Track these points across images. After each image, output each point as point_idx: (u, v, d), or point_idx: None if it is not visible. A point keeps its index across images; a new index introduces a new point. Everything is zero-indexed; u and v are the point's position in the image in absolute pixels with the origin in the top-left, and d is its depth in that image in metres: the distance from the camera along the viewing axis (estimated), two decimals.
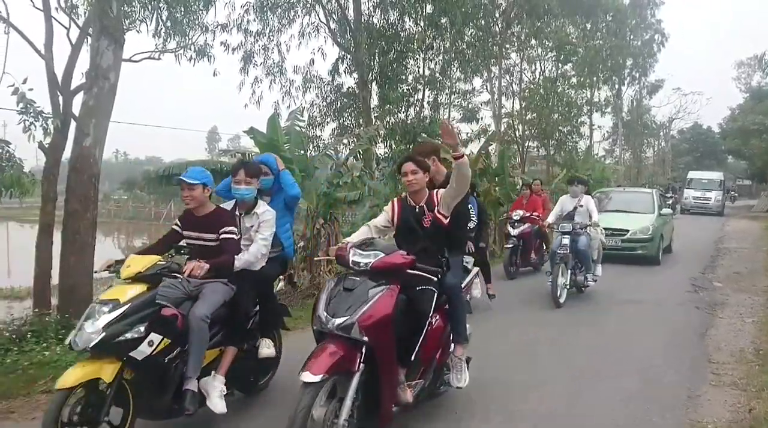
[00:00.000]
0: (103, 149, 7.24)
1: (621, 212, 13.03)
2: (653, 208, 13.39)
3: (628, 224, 12.35)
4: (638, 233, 12.26)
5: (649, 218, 12.75)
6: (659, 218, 13.01)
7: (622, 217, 12.67)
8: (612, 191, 16.13)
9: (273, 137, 8.91)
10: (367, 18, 15.97)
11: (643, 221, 12.57)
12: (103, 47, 6.92)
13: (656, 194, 14.35)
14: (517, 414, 4.40)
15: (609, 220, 11.54)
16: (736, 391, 4.91)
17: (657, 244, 12.43)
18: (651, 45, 35.86)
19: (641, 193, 15.28)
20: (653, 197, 13.95)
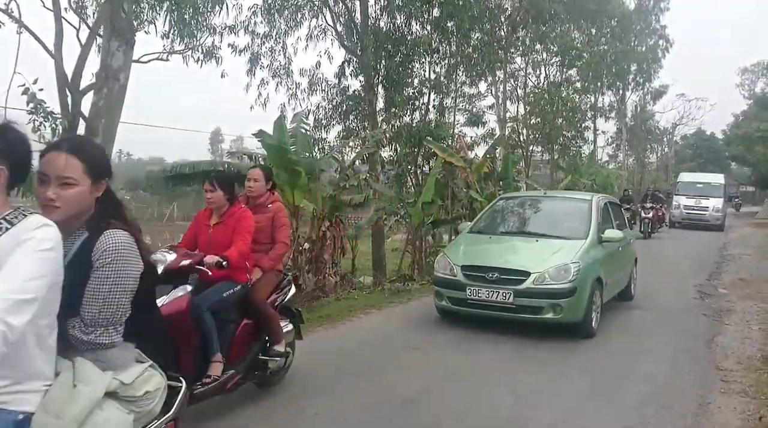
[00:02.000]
0: (112, 150, 7.27)
1: (525, 237, 7.63)
2: (586, 230, 7.50)
3: (531, 262, 6.86)
4: (547, 279, 6.60)
5: (573, 250, 6.98)
6: (594, 250, 7.26)
7: (525, 248, 7.35)
8: (521, 196, 9.68)
9: (281, 139, 8.93)
10: (374, 21, 15.98)
11: (561, 255, 6.91)
12: (114, 48, 6.96)
13: (598, 204, 8.10)
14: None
15: (497, 253, 7.26)
16: (746, 399, 4.89)
17: (584, 300, 6.67)
18: (656, 51, 35.94)
19: (571, 200, 8.89)
20: (591, 210, 7.83)
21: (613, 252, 7.80)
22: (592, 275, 6.92)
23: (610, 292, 7.78)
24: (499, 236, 7.88)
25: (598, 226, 7.58)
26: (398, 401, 4.74)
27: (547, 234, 7.54)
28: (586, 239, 7.24)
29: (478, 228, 8.22)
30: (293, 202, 9.59)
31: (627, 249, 8.79)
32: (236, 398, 4.47)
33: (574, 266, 6.66)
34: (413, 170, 16.21)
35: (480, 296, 6.72)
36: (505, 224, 8.38)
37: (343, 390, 4.99)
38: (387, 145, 15.25)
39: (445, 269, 7.21)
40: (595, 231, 7.45)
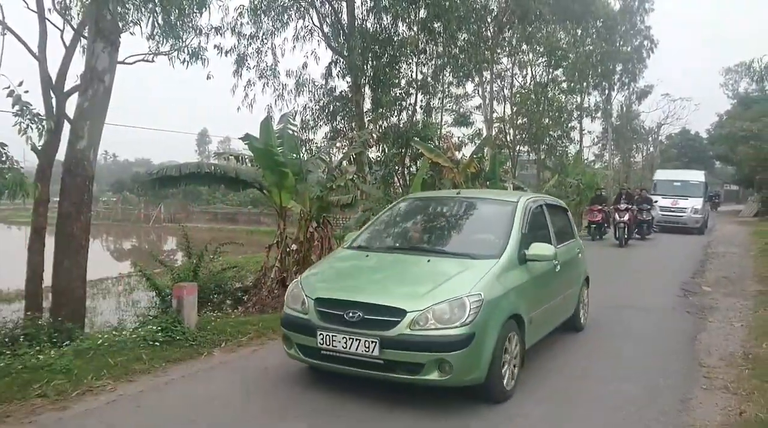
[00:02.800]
0: (97, 152, 7.24)
1: (418, 255, 5.42)
2: (502, 244, 5.33)
3: (411, 295, 4.68)
4: (430, 321, 4.44)
5: (476, 276, 4.82)
6: (511, 274, 5.12)
7: (409, 273, 5.20)
8: (428, 198, 7.13)
9: (267, 141, 8.93)
10: (361, 22, 16.04)
11: (456, 283, 4.74)
12: (99, 49, 6.93)
13: (526, 209, 5.87)
14: (514, 414, 4.43)
15: (367, 281, 5.15)
16: (727, 395, 4.97)
17: (487, 351, 4.54)
18: (640, 51, 36.26)
19: (491, 203, 6.48)
20: (513, 218, 5.64)
21: (544, 274, 5.58)
22: (502, 312, 4.65)
23: (541, 330, 5.67)
24: (382, 253, 5.54)
25: (522, 239, 5.34)
26: None
27: (446, 251, 5.42)
28: (499, 259, 4.98)
29: (359, 242, 5.87)
30: (280, 203, 9.59)
31: (571, 268, 6.63)
32: None
33: (472, 301, 4.42)
34: (400, 170, 16.28)
35: (336, 346, 4.48)
36: (395, 237, 6.05)
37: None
38: (374, 145, 15.30)
39: (295, 302, 4.91)
40: (516, 247, 5.21)
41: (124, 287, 15.21)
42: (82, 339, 5.92)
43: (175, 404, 4.68)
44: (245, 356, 6.03)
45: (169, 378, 5.22)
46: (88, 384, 4.88)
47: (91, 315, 10.78)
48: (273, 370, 5.48)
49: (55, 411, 4.46)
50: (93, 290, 14.16)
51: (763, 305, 8.74)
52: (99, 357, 5.44)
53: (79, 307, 7.08)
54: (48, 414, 4.39)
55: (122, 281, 15.89)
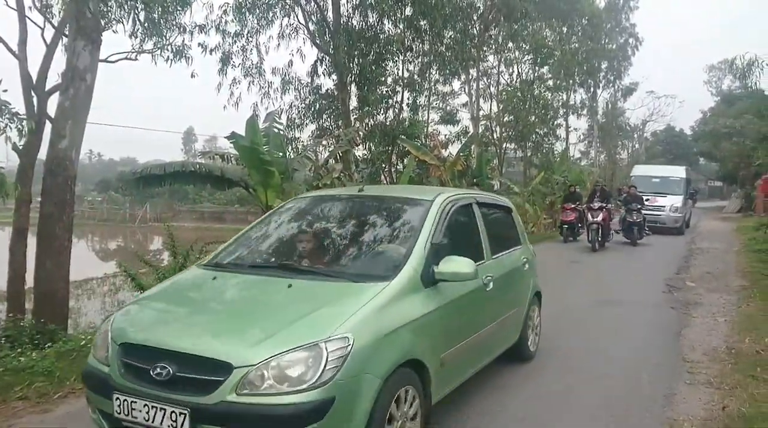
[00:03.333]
0: (79, 151, 7.16)
1: (281, 277, 3.83)
2: (399, 260, 3.84)
3: (245, 339, 3.17)
4: (267, 381, 2.92)
5: (347, 308, 3.32)
6: (408, 302, 3.64)
7: (260, 303, 3.73)
8: (324, 197, 5.36)
9: (253, 139, 8.89)
10: (347, 20, 15.99)
11: (315, 321, 3.21)
12: (80, 48, 6.84)
13: (442, 212, 4.36)
14: (498, 414, 4.45)
15: (196, 318, 3.59)
16: (710, 389, 5.01)
17: (356, 423, 3.05)
18: (625, 49, 36.50)
19: (399, 203, 4.73)
20: (423, 223, 4.15)
21: (466, 297, 4.20)
22: (386, 360, 3.26)
23: (462, 371, 4.33)
24: (238, 274, 4.08)
25: (432, 251, 3.92)
26: None
27: (321, 272, 3.92)
28: (390, 282, 3.58)
29: (221, 257, 4.41)
30: (266, 202, 9.56)
31: (513, 283, 5.31)
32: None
33: (332, 348, 3.02)
34: (387, 168, 16.27)
35: (136, 416, 3.09)
36: (264, 251, 4.57)
37: None
38: (361, 143, 15.28)
39: (101, 348, 3.47)
40: (419, 263, 3.80)
41: (109, 288, 15.09)
42: (65, 341, 5.85)
43: None
44: None
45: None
46: (71, 386, 4.82)
47: (75, 316, 10.69)
48: None
49: (37, 413, 4.41)
50: (77, 290, 14.03)
51: (746, 300, 8.84)
52: (82, 358, 5.37)
53: (62, 308, 7.00)
54: (29, 417, 4.34)
55: (107, 282, 15.77)
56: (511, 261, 5.41)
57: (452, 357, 4.01)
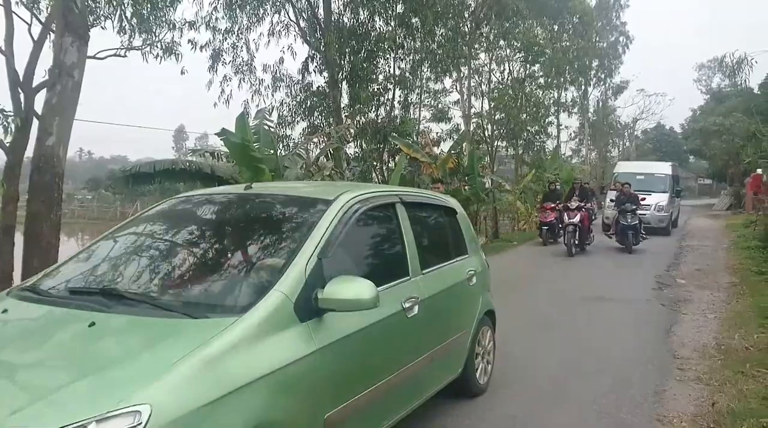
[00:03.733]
0: (67, 148, 7.08)
1: (80, 314, 2.67)
2: (260, 286, 2.80)
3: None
4: None
5: (157, 366, 2.22)
6: (271, 346, 2.56)
7: (26, 366, 2.44)
8: (206, 196, 4.07)
9: (244, 137, 8.84)
10: (337, 17, 15.95)
11: (108, 384, 2.13)
12: (67, 44, 6.77)
13: (343, 212, 3.28)
14: (487, 413, 4.44)
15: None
16: (699, 386, 5.04)
17: None
18: (616, 47, 36.68)
19: (292, 205, 3.62)
20: (311, 231, 3.07)
21: (373, 330, 3.20)
22: None
23: (374, 423, 3.33)
24: (45, 305, 2.93)
25: (317, 270, 2.91)
26: None
27: (148, 301, 2.81)
28: (240, 317, 2.57)
29: (50, 278, 3.33)
30: None
31: (452, 304, 4.30)
32: None
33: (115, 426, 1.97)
34: (379, 166, 16.25)
35: None
36: (101, 269, 3.38)
37: None
38: (352, 141, 15.25)
39: None
40: (294, 287, 2.78)
41: None
42: None
43: None
44: None
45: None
46: None
47: None
48: None
49: None
50: None
51: (736, 297, 8.90)
52: None
53: None
54: None
55: None
56: (452, 276, 4.38)
57: (346, 415, 2.91)
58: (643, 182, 19.64)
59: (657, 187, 19.67)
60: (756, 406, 4.47)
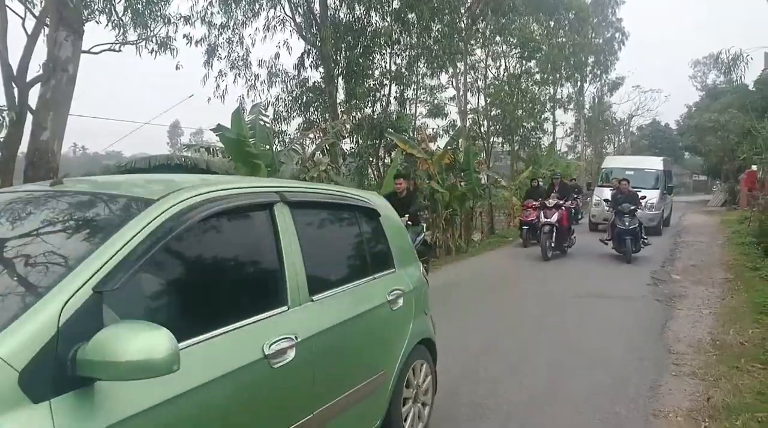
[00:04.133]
0: (62, 143, 7.04)
1: None
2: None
3: None
4: None
5: None
6: None
7: None
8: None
9: (239, 132, 8.81)
10: (333, 12, 15.90)
11: None
12: (62, 38, 6.72)
13: (163, 219, 2.17)
14: (485, 406, 4.45)
15: None
16: (695, 381, 5.06)
17: None
18: (612, 43, 36.71)
19: (98, 208, 2.39)
20: (86, 255, 1.93)
21: (206, 394, 2.09)
22: None
23: None
24: None
25: (88, 314, 1.78)
26: None
27: None
28: None
29: None
30: None
31: (362, 338, 3.29)
32: None
33: None
34: (375, 161, 16.23)
35: None
36: None
37: None
38: (348, 137, 15.22)
39: None
40: (22, 351, 1.61)
41: None
42: None
43: None
44: None
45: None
46: None
47: None
48: None
49: None
50: None
51: (730, 292, 8.93)
52: None
53: None
54: None
55: None
56: (364, 299, 3.29)
57: None
58: (633, 178, 17.41)
59: (647, 183, 18.36)
60: (751, 401, 4.50)
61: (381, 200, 4.04)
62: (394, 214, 4.09)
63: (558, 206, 12.68)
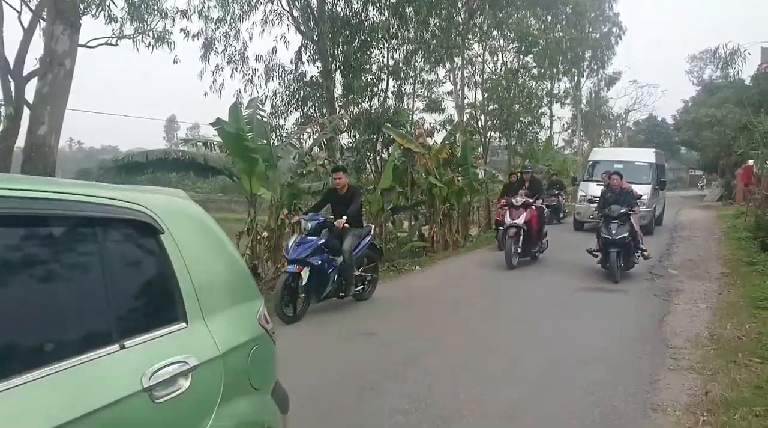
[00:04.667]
0: (59, 138, 7.02)
1: None
2: None
3: None
4: None
5: None
6: None
7: None
8: None
9: (237, 126, 8.78)
10: (331, 6, 15.84)
11: None
12: (58, 32, 6.68)
13: None
14: (486, 403, 4.46)
15: None
16: (693, 375, 5.08)
17: None
18: (609, 38, 36.58)
19: None
20: None
21: None
22: None
23: None
24: None
25: None
26: (358, 387, 4.75)
27: None
28: None
29: None
30: (250, 190, 9.47)
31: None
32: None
33: None
34: (372, 156, 16.21)
35: None
36: None
37: (299, 377, 4.97)
38: (345, 131, 15.19)
39: None
40: None
41: None
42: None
43: None
44: None
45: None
46: None
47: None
48: None
49: None
50: None
51: (727, 287, 8.97)
52: None
53: None
54: None
55: None
56: (75, 394, 1.66)
57: None
58: (622, 171, 14.46)
59: (638, 177, 16.28)
60: (749, 395, 4.52)
61: (176, 204, 2.43)
62: (203, 224, 2.53)
63: (527, 205, 10.92)
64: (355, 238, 7.60)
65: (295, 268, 6.93)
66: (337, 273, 7.40)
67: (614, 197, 9.99)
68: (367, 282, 8.11)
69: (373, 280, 8.27)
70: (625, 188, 10.35)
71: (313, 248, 7.03)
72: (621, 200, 9.85)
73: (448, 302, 8.27)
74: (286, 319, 6.65)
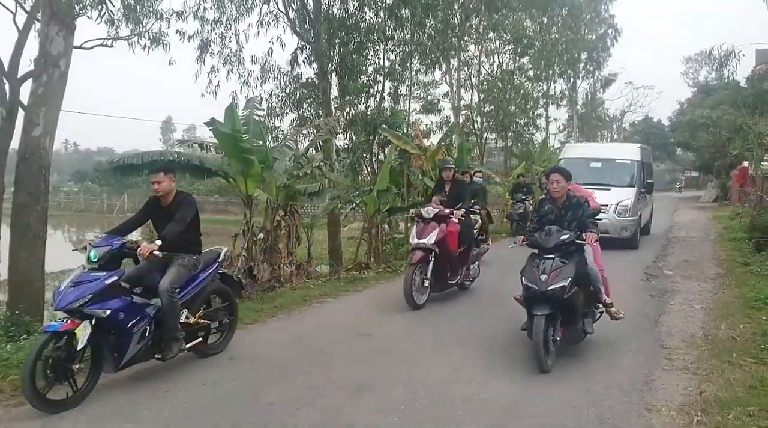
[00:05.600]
0: (53, 139, 6.98)
1: None
2: None
3: None
4: None
5: None
6: None
7: None
8: None
9: (233, 127, 8.77)
10: (327, 8, 15.82)
11: None
12: (53, 33, 6.66)
13: None
14: (477, 399, 4.46)
15: None
16: (687, 375, 5.09)
17: None
18: (605, 39, 36.68)
19: None
20: None
21: None
22: None
23: None
24: None
25: None
26: (352, 387, 4.75)
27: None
28: None
29: None
30: (246, 191, 9.46)
31: None
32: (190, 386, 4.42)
33: None
34: (368, 157, 16.21)
35: None
36: None
37: (298, 377, 4.98)
38: (341, 133, 15.19)
39: None
40: None
41: None
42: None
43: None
44: None
45: (133, 371, 5.10)
46: None
47: (53, 308, 10.49)
48: None
49: (12, 406, 4.33)
50: (55, 282, 13.77)
51: (722, 287, 8.99)
52: None
53: (37, 299, 6.86)
54: (4, 409, 4.26)
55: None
56: None
57: None
58: (600, 172, 14.04)
59: (620, 179, 13.89)
60: (743, 395, 4.53)
61: None
62: None
63: (441, 219, 7.85)
64: (184, 269, 5.25)
65: (62, 325, 4.42)
66: (149, 324, 4.94)
67: (556, 212, 5.90)
68: (215, 330, 5.76)
69: (228, 325, 5.88)
70: (577, 196, 6.08)
71: (95, 290, 4.53)
72: (567, 218, 5.82)
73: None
74: (50, 411, 4.18)
